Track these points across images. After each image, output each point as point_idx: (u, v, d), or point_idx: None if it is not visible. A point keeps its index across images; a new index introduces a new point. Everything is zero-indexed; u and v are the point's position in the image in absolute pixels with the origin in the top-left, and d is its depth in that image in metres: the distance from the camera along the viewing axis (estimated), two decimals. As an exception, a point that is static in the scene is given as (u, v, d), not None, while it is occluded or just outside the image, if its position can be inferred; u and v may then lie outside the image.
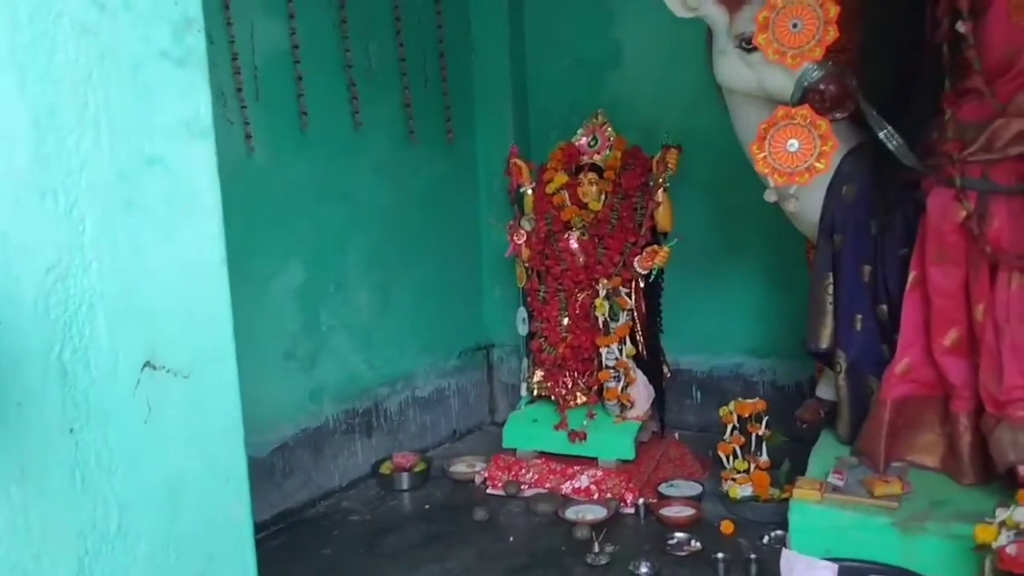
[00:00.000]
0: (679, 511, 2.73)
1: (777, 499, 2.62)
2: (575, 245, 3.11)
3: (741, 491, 2.71)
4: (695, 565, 2.42)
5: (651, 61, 3.56)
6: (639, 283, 3.04)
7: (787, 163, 2.32)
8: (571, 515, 2.76)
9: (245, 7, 2.72)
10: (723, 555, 2.37)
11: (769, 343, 3.45)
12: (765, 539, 2.51)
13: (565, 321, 3.14)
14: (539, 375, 3.20)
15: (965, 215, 2.24)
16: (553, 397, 3.16)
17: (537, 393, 3.22)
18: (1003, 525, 1.86)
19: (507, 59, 3.77)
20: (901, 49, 2.52)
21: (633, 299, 3.04)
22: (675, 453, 3.15)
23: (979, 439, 2.27)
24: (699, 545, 2.50)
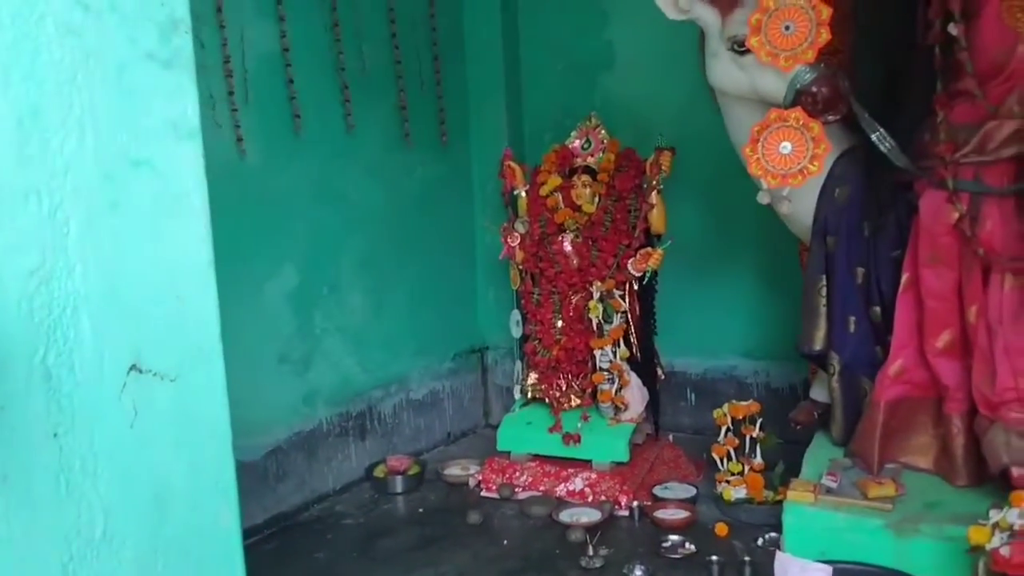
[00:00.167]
0: (673, 513, 2.73)
1: (771, 501, 2.62)
2: (569, 247, 3.11)
3: (735, 493, 2.71)
4: (689, 568, 2.41)
5: (645, 63, 3.56)
6: (633, 285, 3.04)
7: (780, 165, 2.33)
8: (565, 518, 2.76)
9: (236, 10, 2.72)
10: (717, 557, 2.37)
11: (763, 345, 3.45)
12: (759, 541, 2.51)
13: (559, 323, 3.13)
14: (533, 378, 3.20)
15: (958, 217, 2.24)
16: (547, 400, 3.15)
17: (531, 396, 3.21)
18: (997, 527, 1.85)
19: (501, 61, 3.77)
20: (893, 51, 2.53)
21: (627, 301, 3.04)
22: (669, 455, 3.15)
23: (972, 441, 2.27)
24: (693, 547, 2.50)
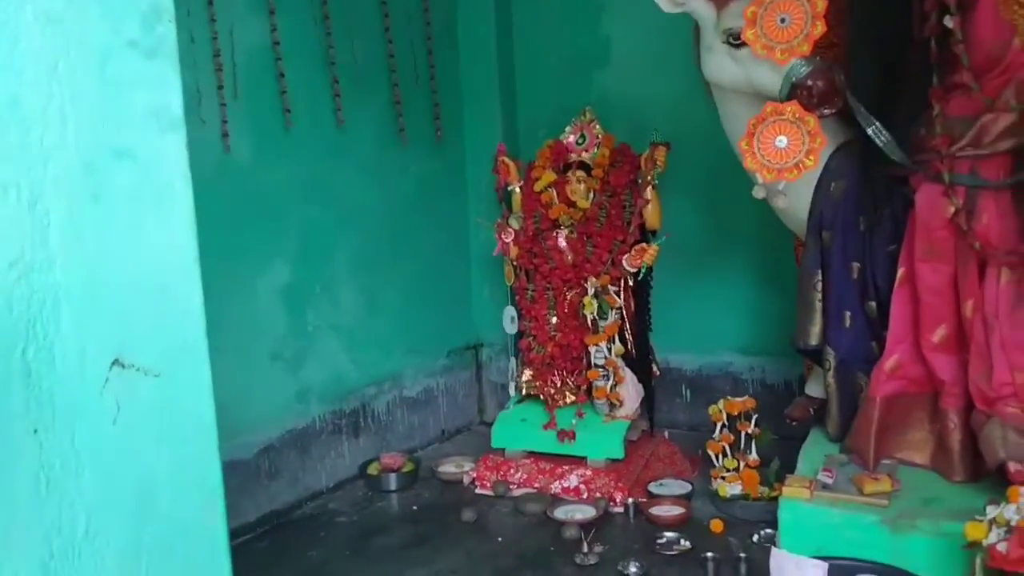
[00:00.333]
0: (668, 510, 2.72)
1: (767, 497, 2.62)
2: (563, 243, 3.09)
3: (731, 489, 2.70)
4: (684, 564, 2.40)
5: (640, 58, 3.54)
6: (628, 281, 3.03)
7: (776, 159, 2.31)
8: (560, 515, 2.75)
9: (226, 4, 2.70)
10: (712, 554, 2.36)
11: (758, 341, 3.44)
12: (755, 537, 2.50)
13: (554, 320, 3.12)
14: (528, 374, 3.18)
15: (954, 211, 2.23)
16: (542, 396, 3.14)
17: (526, 392, 3.20)
18: (993, 522, 1.84)
19: (495, 56, 3.76)
20: (889, 44, 2.51)
21: (622, 297, 3.02)
22: (664, 452, 3.14)
23: (969, 436, 2.26)
24: (688, 544, 2.49)
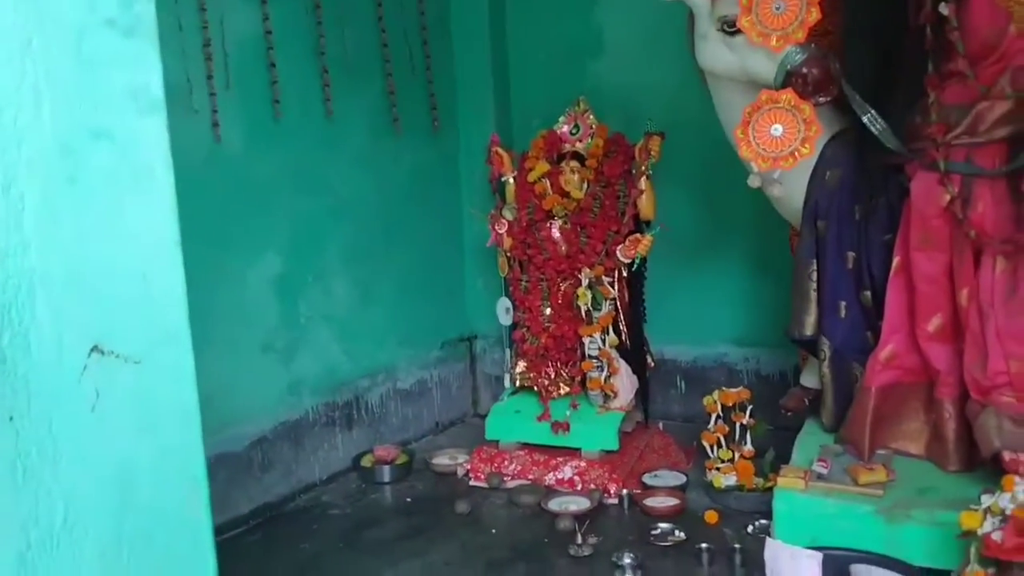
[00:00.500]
0: (663, 501, 2.71)
1: (761, 488, 2.61)
2: (557, 234, 3.07)
3: (725, 480, 2.70)
4: (679, 555, 2.39)
5: (634, 48, 3.52)
6: (622, 272, 3.01)
7: (771, 148, 2.29)
8: (554, 506, 2.73)
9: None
10: (707, 545, 2.36)
11: (753, 332, 3.42)
12: (750, 528, 2.49)
13: (548, 311, 3.10)
14: (522, 366, 3.16)
15: (949, 199, 2.22)
16: (536, 388, 3.12)
17: (520, 384, 3.18)
18: (988, 511, 1.83)
19: (488, 46, 3.73)
20: (884, 32, 2.49)
21: (616, 288, 3.00)
22: (659, 443, 3.13)
23: (964, 425, 2.25)
24: (683, 535, 2.48)
